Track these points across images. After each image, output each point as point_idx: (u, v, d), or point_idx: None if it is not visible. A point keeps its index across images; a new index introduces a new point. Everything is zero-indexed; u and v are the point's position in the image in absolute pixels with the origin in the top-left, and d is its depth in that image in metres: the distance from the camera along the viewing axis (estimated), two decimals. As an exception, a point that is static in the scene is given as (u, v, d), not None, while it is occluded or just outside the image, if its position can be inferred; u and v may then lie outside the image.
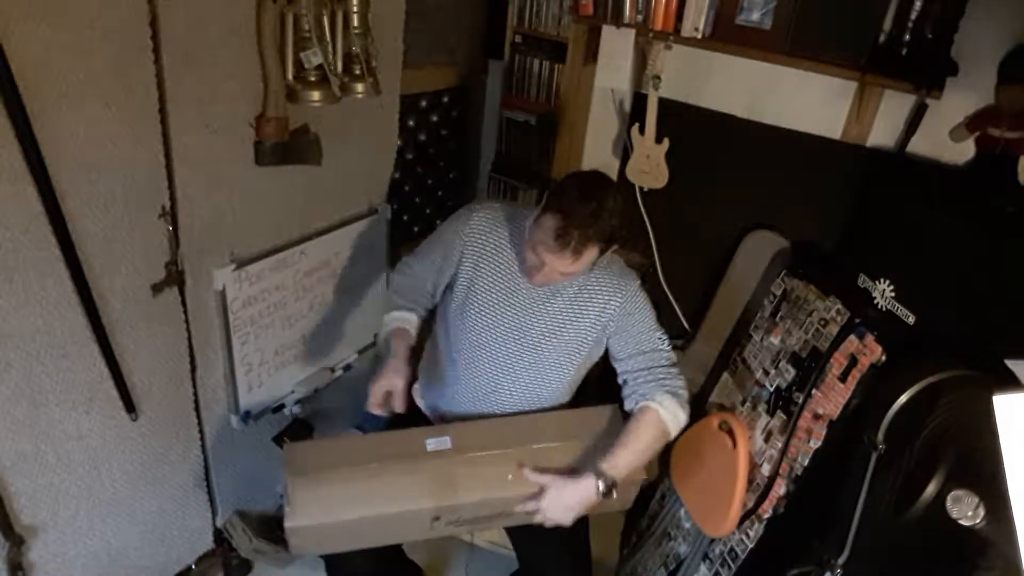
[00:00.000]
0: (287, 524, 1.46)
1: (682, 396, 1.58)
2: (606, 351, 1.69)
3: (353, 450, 1.58)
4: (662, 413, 1.53)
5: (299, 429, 2.17)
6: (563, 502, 1.46)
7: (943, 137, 1.88)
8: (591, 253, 1.46)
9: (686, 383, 1.62)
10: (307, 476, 1.49)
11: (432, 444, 1.54)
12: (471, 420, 1.66)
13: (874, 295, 1.75)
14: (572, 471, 1.49)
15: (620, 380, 1.65)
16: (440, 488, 1.48)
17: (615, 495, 1.47)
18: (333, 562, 1.70)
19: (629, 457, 1.50)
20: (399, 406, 1.57)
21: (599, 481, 1.45)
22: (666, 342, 1.64)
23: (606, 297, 1.62)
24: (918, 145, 1.94)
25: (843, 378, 1.66)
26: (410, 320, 1.70)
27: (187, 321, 1.74)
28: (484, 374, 1.68)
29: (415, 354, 1.72)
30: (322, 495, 1.47)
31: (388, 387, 1.56)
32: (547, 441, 1.56)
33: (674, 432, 1.57)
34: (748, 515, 1.78)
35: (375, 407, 1.57)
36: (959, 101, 1.82)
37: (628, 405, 1.60)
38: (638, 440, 1.52)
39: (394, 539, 1.63)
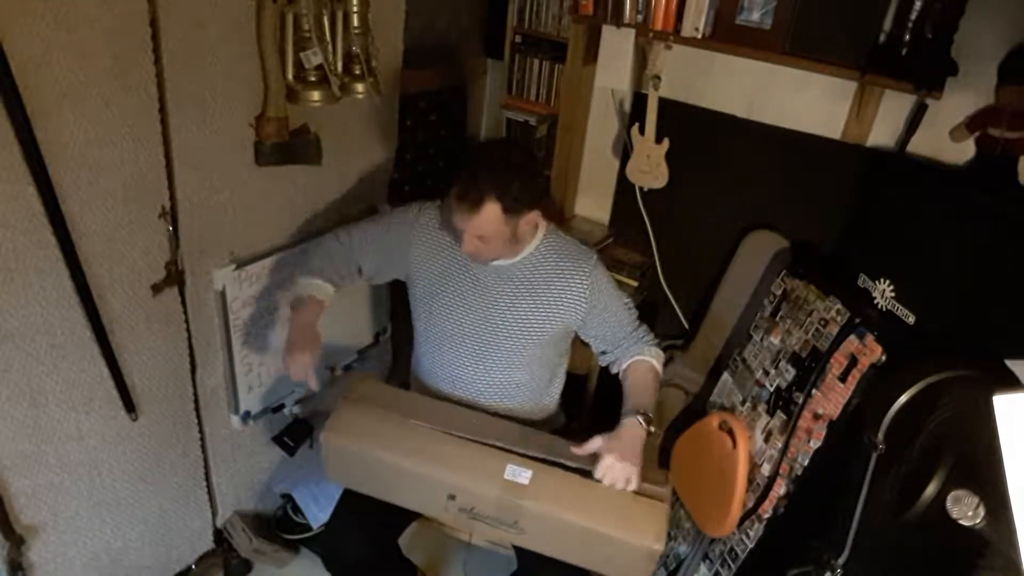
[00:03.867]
0: (321, 436, 1.56)
1: (657, 342, 1.78)
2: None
3: (423, 407, 1.64)
4: (653, 362, 1.73)
5: (299, 429, 2.17)
6: (623, 451, 1.50)
7: (943, 137, 1.87)
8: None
9: (649, 330, 1.80)
10: (360, 403, 1.60)
11: (510, 472, 1.50)
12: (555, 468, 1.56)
13: (874, 295, 1.75)
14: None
15: (598, 350, 1.79)
16: (469, 470, 1.50)
17: (652, 428, 1.59)
18: (329, 553, 1.71)
19: (644, 395, 1.66)
20: (314, 384, 1.59)
21: (637, 417, 1.56)
22: (631, 307, 1.77)
23: (570, 291, 1.68)
24: (918, 145, 1.94)
25: (843, 378, 1.66)
26: (328, 294, 1.71)
27: (187, 321, 1.74)
28: (455, 363, 1.76)
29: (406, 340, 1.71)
30: (363, 424, 1.56)
31: (307, 361, 1.58)
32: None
33: (661, 370, 1.77)
34: (748, 515, 1.78)
35: (302, 377, 1.58)
36: (959, 101, 1.82)
37: (616, 368, 1.76)
38: (645, 382, 1.69)
39: (412, 503, 1.61)
